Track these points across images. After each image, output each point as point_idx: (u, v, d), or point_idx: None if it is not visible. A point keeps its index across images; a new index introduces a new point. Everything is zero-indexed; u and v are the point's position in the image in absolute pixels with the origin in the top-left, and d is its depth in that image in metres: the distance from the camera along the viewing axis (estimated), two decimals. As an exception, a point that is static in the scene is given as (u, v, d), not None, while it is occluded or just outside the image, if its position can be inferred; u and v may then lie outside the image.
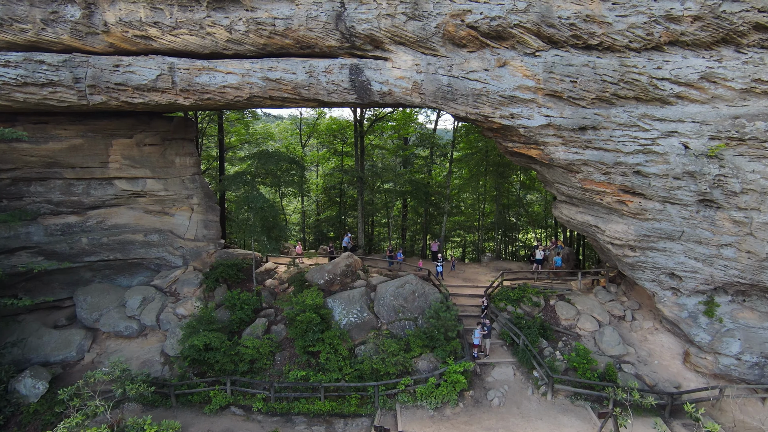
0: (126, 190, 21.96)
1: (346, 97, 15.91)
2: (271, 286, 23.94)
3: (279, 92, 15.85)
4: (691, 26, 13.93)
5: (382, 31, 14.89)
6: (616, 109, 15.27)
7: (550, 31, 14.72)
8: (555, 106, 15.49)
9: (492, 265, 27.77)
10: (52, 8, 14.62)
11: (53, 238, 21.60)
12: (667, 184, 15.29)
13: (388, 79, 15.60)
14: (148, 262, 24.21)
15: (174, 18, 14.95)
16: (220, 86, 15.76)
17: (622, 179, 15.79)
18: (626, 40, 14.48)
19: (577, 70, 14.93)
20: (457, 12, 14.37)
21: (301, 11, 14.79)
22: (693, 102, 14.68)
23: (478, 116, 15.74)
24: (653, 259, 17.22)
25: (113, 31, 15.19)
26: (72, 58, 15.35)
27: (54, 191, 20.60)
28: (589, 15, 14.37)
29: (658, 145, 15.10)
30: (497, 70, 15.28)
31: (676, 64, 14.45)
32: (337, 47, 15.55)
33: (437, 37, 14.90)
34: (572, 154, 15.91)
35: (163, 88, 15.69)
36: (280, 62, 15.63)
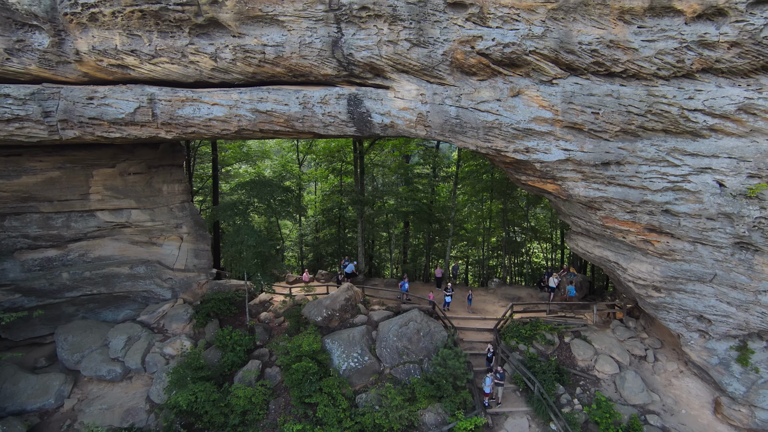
0: (109, 221, 20.52)
1: (344, 129, 14.47)
2: (266, 319, 22.49)
3: (270, 125, 14.42)
4: (727, 53, 12.49)
5: (384, 59, 13.46)
6: (642, 142, 13.83)
7: (570, 58, 13.30)
8: (575, 139, 14.05)
9: (500, 292, 26.27)
10: (17, 36, 13.21)
11: (31, 275, 20.16)
12: (700, 225, 13.85)
13: (390, 110, 14.17)
14: (135, 294, 22.78)
15: (153, 45, 13.52)
16: (205, 119, 14.32)
17: (648, 218, 14.35)
18: (654, 68, 13.04)
19: (599, 101, 13.50)
20: (466, 38, 12.94)
21: (294, 38, 13.36)
22: (729, 135, 13.23)
23: (490, 150, 14.31)
24: (680, 301, 15.78)
25: (86, 60, 13.77)
26: (41, 90, 13.92)
27: (31, 225, 19.16)
28: (613, 40, 12.94)
29: (689, 182, 13.65)
30: (510, 100, 13.84)
31: (709, 94, 13.01)
32: (333, 75, 14.13)
33: (444, 65, 13.47)
34: (593, 191, 14.47)
35: (142, 121, 14.26)
36: (271, 92, 14.19)
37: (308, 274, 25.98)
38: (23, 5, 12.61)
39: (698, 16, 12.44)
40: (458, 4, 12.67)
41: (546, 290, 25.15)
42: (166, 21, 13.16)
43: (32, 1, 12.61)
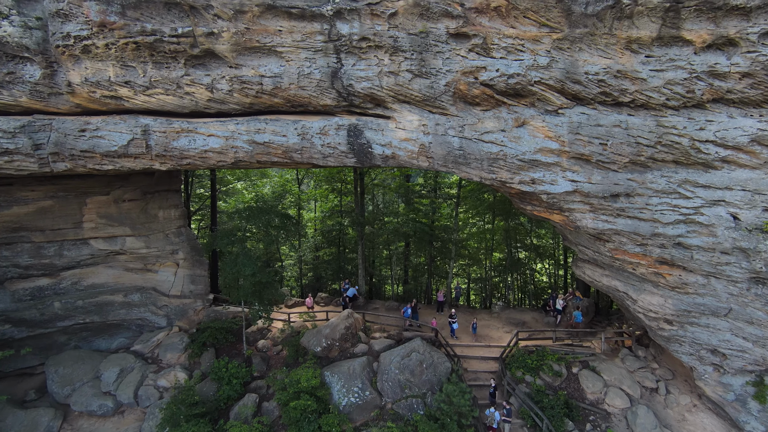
0: (103, 249, 20.00)
1: (344, 160, 14.05)
2: (264, 348, 21.81)
3: (268, 156, 13.99)
4: (739, 83, 12.11)
5: (384, 90, 13.09)
6: (652, 173, 13.38)
7: (576, 88, 12.93)
8: (582, 170, 13.61)
9: (504, 316, 25.61)
10: (8, 68, 12.84)
11: (22, 305, 19.56)
12: (714, 259, 13.32)
13: (391, 141, 13.75)
14: (129, 322, 22.17)
15: (148, 77, 13.15)
16: (201, 151, 13.90)
17: (660, 251, 13.83)
18: (663, 98, 12.67)
19: (607, 131, 13.09)
20: (469, 69, 12.58)
21: (292, 68, 13.01)
22: (742, 167, 12.78)
23: (495, 181, 13.86)
24: (693, 335, 15.16)
25: (79, 92, 13.40)
26: (32, 123, 13.52)
27: (22, 255, 18.62)
28: (621, 70, 12.58)
29: (702, 215, 13.17)
30: (515, 130, 13.43)
31: (721, 125, 12.60)
32: (333, 106, 13.75)
33: (447, 96, 13.09)
34: (602, 223, 13.98)
35: (136, 153, 13.84)
36: (268, 123, 13.79)
37: (311, 299, 25.30)
38: (14, 38, 12.27)
39: (708, 46, 12.11)
40: (461, 35, 12.34)
41: (551, 314, 24.54)
42: (161, 52, 12.82)
43: (23, 33, 12.28)
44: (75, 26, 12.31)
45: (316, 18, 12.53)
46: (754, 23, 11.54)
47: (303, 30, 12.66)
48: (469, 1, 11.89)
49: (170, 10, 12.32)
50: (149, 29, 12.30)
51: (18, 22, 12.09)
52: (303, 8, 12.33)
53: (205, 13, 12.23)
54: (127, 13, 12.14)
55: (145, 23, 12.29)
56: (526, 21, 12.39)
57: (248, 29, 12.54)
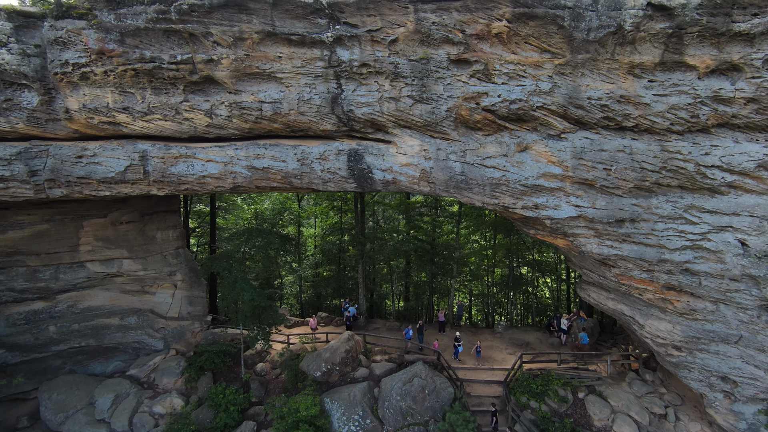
0: (100, 272, 19.70)
1: (344, 185, 13.85)
2: (263, 371, 21.34)
3: (267, 182, 13.80)
4: (744, 108, 11.97)
5: (385, 116, 12.95)
6: (657, 198, 13.16)
7: (579, 113, 12.79)
8: (586, 195, 13.40)
9: (507, 336, 25.15)
10: (5, 95, 12.74)
11: (16, 329, 19.18)
12: (723, 286, 13.02)
13: (392, 166, 13.57)
14: (125, 346, 21.74)
15: (146, 103, 13.04)
16: (199, 176, 13.73)
17: (667, 277, 13.54)
18: (667, 123, 12.52)
19: (610, 156, 12.92)
20: (471, 95, 12.45)
21: (292, 94, 12.89)
22: (749, 192, 12.56)
23: (497, 206, 13.63)
24: (703, 361, 14.77)
25: (77, 118, 13.27)
26: (29, 149, 13.37)
27: (17, 279, 18.32)
28: (624, 95, 12.46)
29: (709, 240, 12.91)
30: (518, 155, 13.26)
31: (727, 150, 12.42)
32: (333, 131, 13.61)
33: (448, 121, 12.94)
34: (607, 248, 13.71)
35: (133, 179, 13.66)
36: (267, 149, 13.64)
37: (315, 320, 24.83)
38: (12, 65, 12.18)
39: (712, 71, 12.01)
40: (462, 61, 12.24)
41: (555, 335, 24.12)
42: (160, 79, 12.72)
43: (21, 60, 12.20)
44: (73, 54, 12.24)
45: (316, 44, 12.45)
46: (758, 49, 11.45)
47: (303, 56, 12.58)
48: (470, 27, 11.82)
49: (169, 38, 12.25)
50: (148, 56, 12.22)
51: (16, 50, 12.01)
52: (303, 35, 12.26)
53: (204, 41, 12.16)
54: (126, 41, 12.07)
55: (144, 50, 12.22)
56: (528, 47, 12.31)
57: (248, 56, 12.46)
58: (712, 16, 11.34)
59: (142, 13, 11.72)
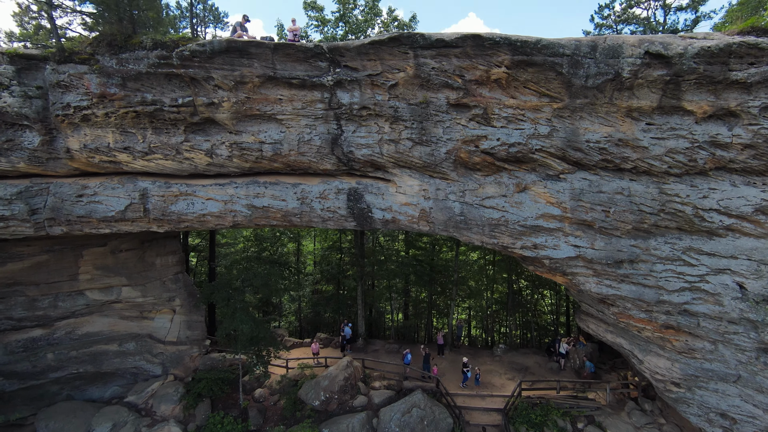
0: (98, 300, 19.67)
1: (343, 224, 13.89)
2: (261, 398, 21.25)
3: (267, 220, 13.84)
4: (741, 154, 12.05)
5: (385, 157, 13.01)
6: (656, 240, 13.21)
7: (577, 155, 12.87)
8: (585, 235, 13.44)
9: (506, 360, 25.11)
10: (7, 136, 12.78)
11: (14, 357, 19.09)
12: (721, 328, 13.04)
13: (391, 205, 13.61)
14: (123, 371, 21.63)
15: (147, 142, 13.09)
16: (199, 215, 13.75)
17: (666, 318, 13.56)
18: (665, 166, 12.59)
19: (609, 198, 12.97)
20: (470, 138, 12.53)
21: (292, 135, 12.95)
22: (747, 236, 12.62)
23: (496, 246, 13.67)
24: (702, 398, 14.76)
25: (78, 157, 13.32)
26: (29, 188, 13.39)
27: (15, 308, 18.28)
28: (622, 139, 12.54)
29: (707, 282, 12.95)
30: (517, 195, 13.31)
31: (724, 194, 12.49)
32: (333, 170, 13.65)
33: (448, 163, 13.01)
34: (606, 288, 13.75)
35: (133, 218, 13.68)
36: (267, 188, 13.68)
37: (317, 344, 24.74)
38: (14, 108, 12.24)
39: (709, 116, 12.10)
40: (461, 105, 12.32)
41: (554, 359, 24.13)
42: (161, 120, 12.78)
43: (23, 103, 12.25)
44: (75, 97, 12.30)
45: (316, 87, 12.53)
46: (755, 97, 11.54)
47: (303, 98, 12.65)
48: (469, 73, 11.91)
49: (170, 81, 12.32)
50: (149, 99, 12.28)
51: (18, 93, 12.07)
52: (304, 79, 12.34)
53: (205, 84, 12.23)
54: (128, 85, 12.14)
55: (146, 93, 12.28)
56: (527, 91, 12.40)
57: (249, 98, 12.53)
58: (709, 64, 11.45)
59: (144, 58, 11.80)
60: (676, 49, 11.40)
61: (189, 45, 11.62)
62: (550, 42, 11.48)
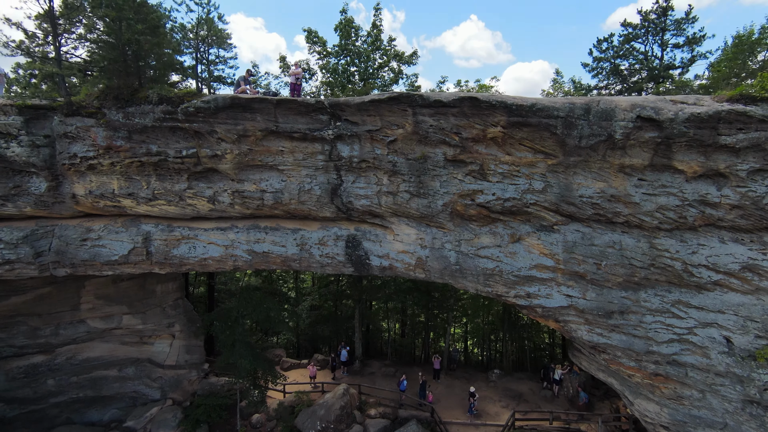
0: (99, 328, 19.96)
1: (341, 270, 14.21)
2: (258, 423, 21.55)
3: (267, 264, 14.16)
4: (729, 213, 12.38)
5: (383, 208, 13.34)
6: (646, 292, 13.54)
7: (570, 209, 13.20)
8: (577, 285, 13.77)
9: (501, 386, 25.44)
10: (14, 182, 13.09)
11: (15, 383, 19.40)
12: (708, 379, 13.36)
13: (388, 252, 13.94)
14: (122, 395, 21.95)
15: (151, 189, 13.41)
16: (200, 259, 14.07)
17: (655, 367, 13.88)
18: (656, 222, 12.91)
19: (601, 251, 13.30)
20: (466, 192, 12.86)
21: (293, 184, 13.28)
22: (734, 291, 12.94)
23: (491, 294, 13.99)
24: (690, 442, 15.06)
25: (83, 202, 13.63)
26: (35, 231, 13.70)
27: (17, 336, 18.58)
28: (614, 195, 12.86)
29: (695, 335, 13.27)
30: (511, 246, 13.64)
31: (713, 250, 12.81)
32: (332, 218, 13.97)
33: (444, 214, 13.33)
34: (597, 336, 14.07)
35: (136, 261, 13.99)
36: (268, 233, 13.99)
37: (314, 367, 25.10)
38: (22, 157, 12.55)
39: (699, 175, 12.42)
40: (458, 161, 12.65)
41: (548, 386, 24.47)
42: (165, 168, 13.10)
43: (31, 152, 12.57)
44: (82, 147, 12.62)
45: (317, 140, 12.85)
46: (743, 160, 11.87)
47: (305, 150, 12.98)
48: (466, 131, 12.24)
49: (175, 133, 12.64)
50: (154, 151, 12.60)
51: (26, 142, 12.38)
52: (305, 132, 12.67)
53: (209, 137, 12.55)
54: (134, 137, 12.45)
55: (151, 145, 12.60)
56: (522, 148, 12.73)
57: (251, 150, 12.85)
58: (699, 129, 11.78)
59: (149, 112, 12.12)
60: (667, 114, 11.74)
61: (194, 101, 11.95)
62: (545, 105, 11.81)
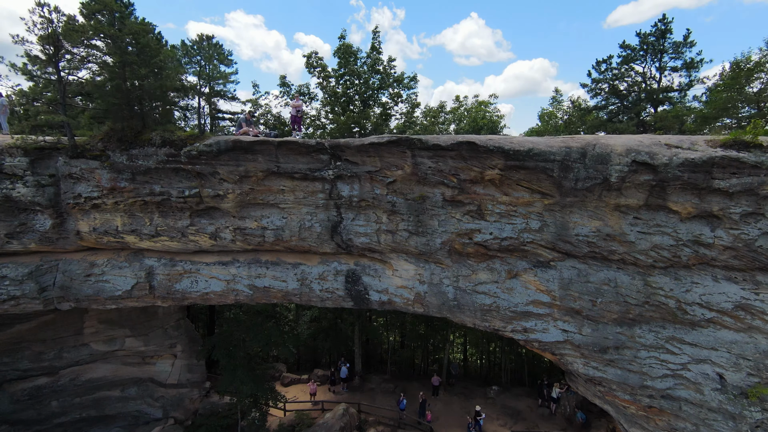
0: (102, 350, 20.21)
1: (341, 303, 14.44)
2: (259, 442, 21.84)
3: (267, 298, 14.39)
4: (723, 254, 12.59)
5: (382, 245, 13.55)
6: (641, 328, 13.76)
7: (567, 247, 13.41)
8: (573, 320, 13.99)
9: (499, 403, 25.71)
10: (19, 220, 13.30)
11: (20, 406, 19.65)
12: (701, 414, 13.59)
13: (387, 287, 14.16)
14: (125, 414, 22.21)
15: (154, 225, 13.62)
16: (202, 293, 14.30)
17: (649, 401, 14.11)
18: (650, 260, 13.13)
19: (596, 289, 13.52)
20: (464, 231, 13.07)
21: (294, 221, 13.49)
22: (727, 329, 13.16)
23: (488, 328, 14.22)
24: (684, 471, 15.31)
25: (87, 239, 13.84)
26: (39, 266, 13.92)
27: (22, 360, 18.83)
28: (610, 234, 13.08)
29: (689, 371, 13.50)
30: (508, 282, 13.86)
31: (707, 289, 13.03)
32: (332, 253, 14.18)
33: (443, 252, 13.54)
34: (592, 370, 14.30)
35: (139, 295, 14.21)
36: (269, 268, 14.22)
37: (314, 385, 25.44)
38: (27, 197, 12.76)
39: (693, 216, 12.63)
40: (456, 201, 12.85)
41: (545, 404, 24.74)
42: (167, 207, 13.30)
43: (36, 192, 12.78)
44: (86, 188, 12.83)
45: (318, 179, 13.06)
46: (737, 203, 12.08)
47: (305, 189, 13.19)
48: (464, 173, 12.44)
49: (178, 173, 12.85)
50: (158, 191, 12.81)
51: (31, 182, 12.58)
52: (306, 173, 12.87)
53: (211, 178, 12.76)
54: (137, 178, 12.66)
55: (154, 185, 12.81)
56: (519, 188, 12.93)
57: (252, 189, 13.06)
58: (693, 173, 11.98)
59: (153, 155, 12.32)
60: (662, 159, 11.94)
61: (196, 144, 12.15)
62: (541, 150, 12.01)
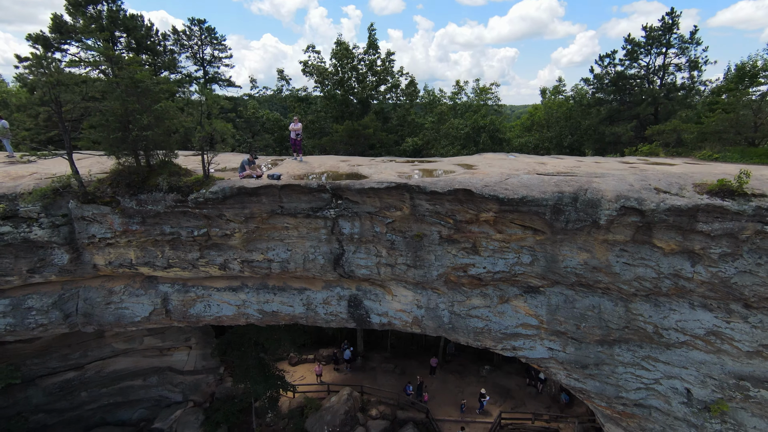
0: (122, 348, 21.77)
1: (345, 324, 15.58)
2: (272, 422, 24.17)
3: (276, 321, 15.50)
4: (700, 287, 13.50)
5: (382, 276, 14.41)
6: (620, 347, 14.99)
7: (555, 278, 14.29)
8: (558, 339, 15.20)
9: (491, 381, 27.95)
10: (38, 256, 14.02)
11: (53, 398, 21.57)
12: (668, 421, 15.22)
13: (387, 311, 15.22)
14: (148, 399, 24.34)
15: (166, 258, 14.39)
16: (215, 317, 15.38)
17: (623, 408, 15.70)
18: (632, 290, 14.06)
19: (581, 314, 14.58)
20: (459, 265, 13.87)
21: (298, 254, 14.25)
22: (698, 350, 14.39)
23: (480, 346, 15.48)
24: (650, 459, 17.34)
25: (103, 270, 14.66)
26: (62, 295, 14.87)
27: (51, 361, 20.42)
28: (597, 266, 13.90)
29: (660, 385, 14.92)
30: (500, 306, 14.90)
31: (683, 316, 14.09)
32: (334, 281, 15.08)
33: (439, 282, 14.43)
34: (573, 381, 15.75)
35: (157, 320, 15.30)
36: (276, 294, 15.19)
37: (320, 366, 27.56)
38: (44, 238, 13.38)
39: (676, 252, 13.38)
40: (452, 239, 13.53)
41: (533, 384, 26.97)
42: (178, 242, 13.99)
43: (52, 233, 13.38)
44: (99, 229, 13.41)
45: (320, 217, 13.64)
46: (717, 244, 12.78)
47: (308, 226, 13.81)
48: (460, 215, 13.02)
49: (186, 215, 13.38)
50: (168, 231, 13.42)
51: (46, 224, 13.15)
52: (308, 212, 13.43)
53: (218, 219, 13.32)
54: (147, 221, 13.22)
55: (164, 226, 13.40)
56: (513, 225, 13.55)
57: (258, 228, 13.68)
58: (679, 217, 12.56)
59: (161, 200, 12.79)
60: (650, 205, 12.46)
61: (202, 191, 12.59)
62: (535, 198, 12.49)
